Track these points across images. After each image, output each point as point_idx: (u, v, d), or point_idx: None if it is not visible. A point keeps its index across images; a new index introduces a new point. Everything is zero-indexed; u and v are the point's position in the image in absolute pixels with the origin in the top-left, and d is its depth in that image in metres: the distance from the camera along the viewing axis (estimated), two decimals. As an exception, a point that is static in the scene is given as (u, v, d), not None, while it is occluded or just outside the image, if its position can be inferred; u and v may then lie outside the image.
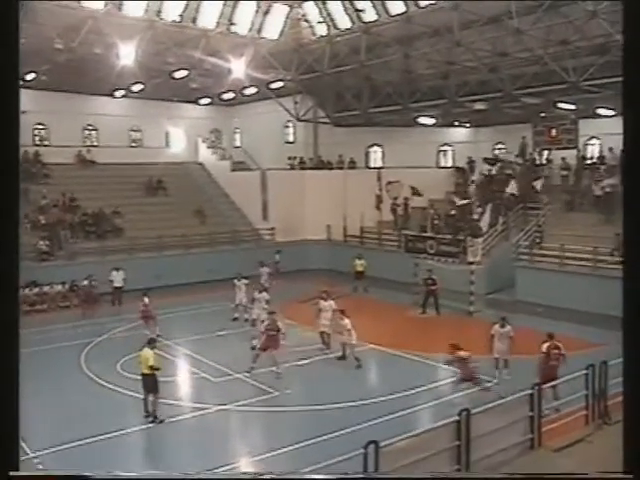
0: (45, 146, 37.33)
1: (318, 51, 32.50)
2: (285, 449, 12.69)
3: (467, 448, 10.25)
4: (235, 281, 23.70)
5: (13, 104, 5.22)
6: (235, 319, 23.58)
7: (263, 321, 18.41)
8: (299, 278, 30.90)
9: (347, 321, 18.40)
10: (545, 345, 14.69)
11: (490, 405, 11.09)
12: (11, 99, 5.20)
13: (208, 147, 42.73)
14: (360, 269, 29.33)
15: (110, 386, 16.94)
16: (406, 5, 27.96)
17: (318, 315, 20.03)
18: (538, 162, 32.22)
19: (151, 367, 14.45)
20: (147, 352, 14.69)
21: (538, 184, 29.41)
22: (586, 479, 6.29)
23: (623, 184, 4.85)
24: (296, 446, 12.78)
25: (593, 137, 32.37)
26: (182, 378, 18.89)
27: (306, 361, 18.68)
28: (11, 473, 4.77)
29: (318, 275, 30.60)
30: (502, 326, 17.75)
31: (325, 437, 13.14)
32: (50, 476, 5.91)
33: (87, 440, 13.21)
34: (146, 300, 21.97)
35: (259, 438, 14.28)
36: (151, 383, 14.58)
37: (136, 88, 34.12)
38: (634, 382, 4.60)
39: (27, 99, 35.78)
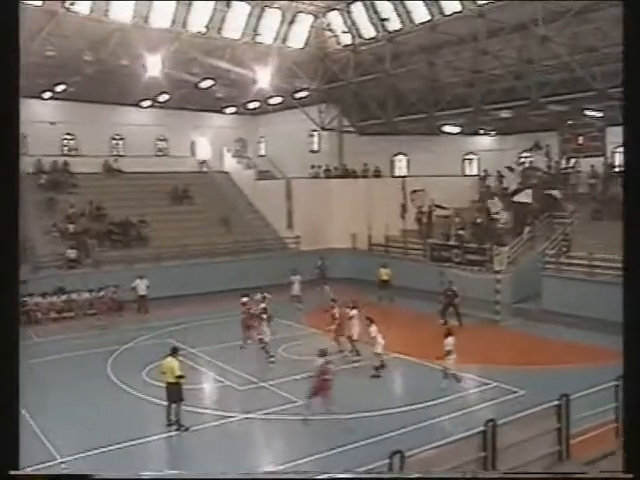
0: (74, 156, 37.86)
1: (343, 60, 32.63)
2: (310, 457, 12.63)
3: (493, 459, 10.14)
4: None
5: (13, 112, 5.29)
6: None
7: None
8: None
9: (373, 328, 18.37)
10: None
11: (517, 416, 10.97)
12: (12, 107, 5.28)
13: (233, 156, 43.00)
14: (385, 278, 29.21)
15: (136, 393, 17.06)
16: (431, 13, 27.94)
17: (342, 323, 20.31)
18: (564, 170, 31.88)
19: (178, 377, 14.49)
20: (172, 361, 14.71)
21: (556, 193, 29.12)
22: (586, 479, 6.26)
23: (624, 194, 4.80)
24: (322, 455, 12.72)
25: (621, 145, 31.93)
26: (207, 386, 18.94)
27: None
28: (11, 472, 4.84)
29: (343, 284, 30.51)
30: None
31: (350, 446, 13.09)
32: (50, 476, 5.95)
33: (113, 447, 13.31)
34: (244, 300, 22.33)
35: (284, 447, 14.23)
36: (177, 392, 14.59)
37: (162, 98, 34.51)
38: (634, 383, 4.56)
39: (57, 110, 36.58)
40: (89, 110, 37.06)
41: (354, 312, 20.32)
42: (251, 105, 37.08)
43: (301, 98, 35.08)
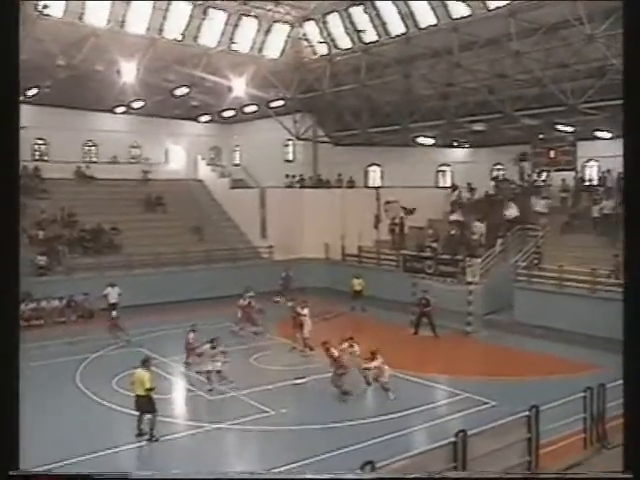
0: (44, 161, 37.43)
1: (318, 70, 32.71)
2: (281, 468, 12.55)
3: (463, 469, 10.17)
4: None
5: (14, 118, 5.24)
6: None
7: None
8: (296, 297, 30.73)
9: (356, 348, 18.24)
10: None
11: (487, 427, 11.03)
12: (12, 114, 5.23)
13: (207, 164, 42.86)
14: (358, 288, 29.27)
15: (105, 403, 16.84)
16: (406, 26, 28.18)
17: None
18: (537, 183, 32.29)
19: (148, 389, 14.17)
20: (142, 373, 14.34)
21: (541, 204, 29.48)
22: (586, 479, 6.34)
23: (624, 206, 4.88)
24: (291, 465, 12.66)
25: (591, 159, 32.48)
26: (178, 396, 18.77)
27: (303, 380, 18.53)
28: (11, 472, 4.83)
29: (316, 294, 30.51)
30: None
31: (320, 457, 13.04)
32: (50, 475, 6.00)
33: (82, 457, 13.09)
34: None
35: (254, 457, 14.16)
36: (147, 404, 14.26)
37: (137, 105, 34.29)
38: (634, 382, 4.63)
39: (28, 114, 35.84)
40: (61, 115, 36.66)
41: (305, 311, 21.76)
42: (226, 113, 36.98)
43: (276, 107, 35.08)
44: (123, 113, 37.67)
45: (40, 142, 37.83)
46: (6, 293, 5.21)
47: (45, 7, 25.32)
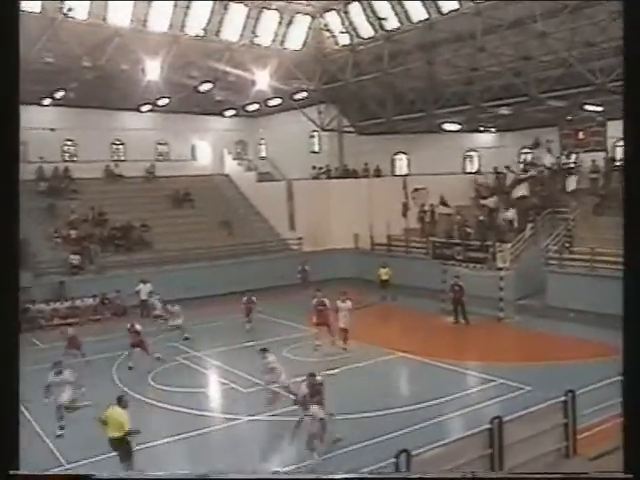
0: (74, 162, 37.87)
1: (341, 60, 32.62)
2: (316, 459, 12.60)
3: (500, 456, 10.14)
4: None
5: (14, 118, 5.28)
6: None
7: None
8: (326, 287, 30.64)
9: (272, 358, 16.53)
10: None
11: (522, 413, 10.96)
12: (12, 114, 5.27)
13: (234, 159, 43.02)
14: (385, 278, 29.25)
15: (139, 397, 17.03)
16: (428, 12, 27.95)
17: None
18: (566, 165, 31.84)
19: (126, 432, 11.97)
20: (118, 411, 12.14)
21: (572, 182, 29.06)
22: (586, 479, 6.31)
23: (624, 187, 4.82)
24: (327, 455, 12.71)
25: (622, 139, 31.88)
26: (212, 389, 18.95)
27: (336, 371, 18.59)
28: (11, 472, 4.81)
29: (345, 284, 30.52)
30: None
31: (356, 446, 13.08)
32: (50, 475, 5.97)
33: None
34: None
35: (289, 448, 14.10)
36: (125, 449, 12.09)
37: (162, 102, 34.53)
38: (634, 382, 4.57)
39: (56, 116, 36.61)
40: (89, 116, 37.06)
41: (344, 304, 20.97)
42: (251, 107, 37.07)
43: (300, 99, 35.08)
44: (149, 111, 37.98)
45: (69, 143, 38.28)
46: (6, 293, 5.14)
47: (70, 10, 25.60)
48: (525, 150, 36.04)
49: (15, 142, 5.34)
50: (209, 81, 31.47)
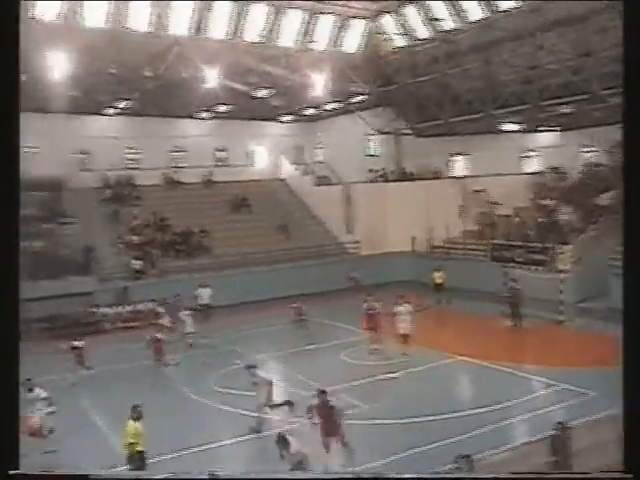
0: (136, 169, 38.80)
1: (397, 62, 32.52)
2: (374, 463, 12.56)
3: (565, 463, 9.92)
4: None
5: (14, 118, 5.31)
6: None
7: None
8: (382, 291, 30.37)
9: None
10: None
11: (587, 419, 10.72)
12: (12, 114, 5.30)
13: (291, 163, 43.32)
14: (439, 281, 28.93)
15: (201, 399, 17.32)
16: (484, 11, 27.60)
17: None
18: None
19: (131, 444, 11.63)
20: (130, 425, 11.81)
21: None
22: (586, 479, 6.20)
23: (624, 187, 4.70)
24: (389, 459, 12.65)
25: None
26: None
27: (396, 374, 18.51)
28: (11, 472, 4.89)
29: (403, 287, 30.31)
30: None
31: (415, 450, 13.00)
32: (49, 475, 5.96)
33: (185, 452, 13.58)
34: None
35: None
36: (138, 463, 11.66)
37: (220, 109, 35.06)
38: (634, 382, 4.49)
39: (119, 125, 37.69)
40: (150, 124, 38.02)
41: (402, 308, 20.67)
42: (307, 112, 37.30)
43: (357, 102, 35.11)
44: (208, 118, 38.62)
45: (131, 151, 39.24)
46: (6, 293, 5.19)
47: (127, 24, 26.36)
48: (585, 149, 35.15)
49: (15, 142, 5.30)
50: (266, 87, 31.81)
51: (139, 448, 11.55)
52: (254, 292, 30.13)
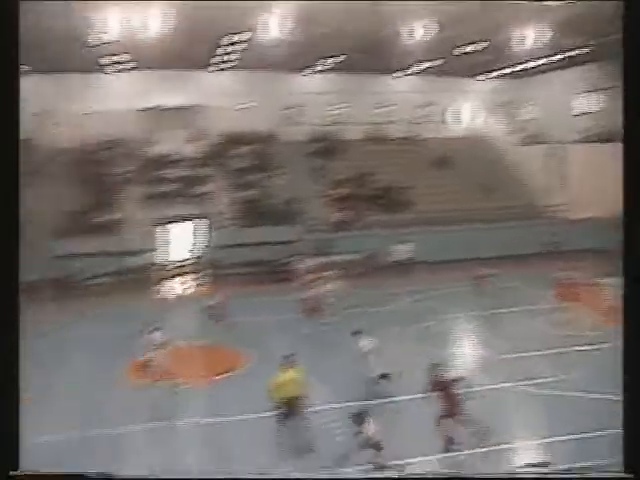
0: (341, 124, 39.90)
1: (616, 13, 30.00)
2: (563, 437, 12.14)
3: None
4: None
5: (14, 117, 5.35)
6: None
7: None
8: (585, 258, 28.25)
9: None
10: None
11: None
12: (12, 114, 5.33)
13: (497, 121, 42.03)
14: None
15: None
16: None
17: None
18: None
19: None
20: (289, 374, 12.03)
21: None
22: (586, 479, 5.81)
23: (624, 186, 4.37)
24: (580, 435, 12.09)
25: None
26: (468, 353, 18.85)
27: (592, 347, 17.69)
28: (11, 472, 4.93)
29: (608, 256, 28.29)
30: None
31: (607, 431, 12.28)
32: (49, 475, 5.81)
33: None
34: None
35: (539, 421, 13.52)
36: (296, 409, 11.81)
37: (425, 65, 34.70)
38: (634, 382, 4.17)
39: (327, 82, 38.95)
40: (355, 81, 38.85)
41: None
42: (516, 68, 35.81)
43: (568, 58, 33.01)
44: (413, 74, 38.50)
45: (337, 106, 40.31)
46: (6, 293, 5.11)
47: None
48: None
49: (15, 142, 5.26)
50: (474, 42, 30.94)
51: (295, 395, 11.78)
52: (452, 250, 30.07)
